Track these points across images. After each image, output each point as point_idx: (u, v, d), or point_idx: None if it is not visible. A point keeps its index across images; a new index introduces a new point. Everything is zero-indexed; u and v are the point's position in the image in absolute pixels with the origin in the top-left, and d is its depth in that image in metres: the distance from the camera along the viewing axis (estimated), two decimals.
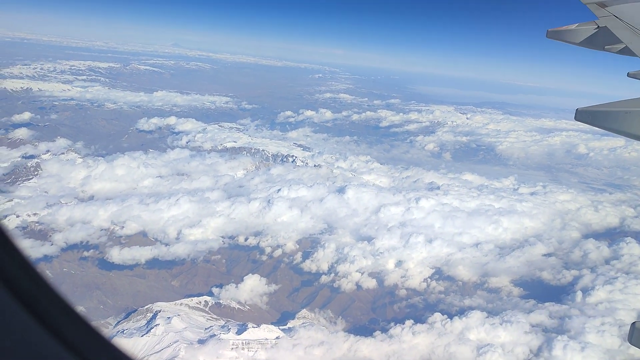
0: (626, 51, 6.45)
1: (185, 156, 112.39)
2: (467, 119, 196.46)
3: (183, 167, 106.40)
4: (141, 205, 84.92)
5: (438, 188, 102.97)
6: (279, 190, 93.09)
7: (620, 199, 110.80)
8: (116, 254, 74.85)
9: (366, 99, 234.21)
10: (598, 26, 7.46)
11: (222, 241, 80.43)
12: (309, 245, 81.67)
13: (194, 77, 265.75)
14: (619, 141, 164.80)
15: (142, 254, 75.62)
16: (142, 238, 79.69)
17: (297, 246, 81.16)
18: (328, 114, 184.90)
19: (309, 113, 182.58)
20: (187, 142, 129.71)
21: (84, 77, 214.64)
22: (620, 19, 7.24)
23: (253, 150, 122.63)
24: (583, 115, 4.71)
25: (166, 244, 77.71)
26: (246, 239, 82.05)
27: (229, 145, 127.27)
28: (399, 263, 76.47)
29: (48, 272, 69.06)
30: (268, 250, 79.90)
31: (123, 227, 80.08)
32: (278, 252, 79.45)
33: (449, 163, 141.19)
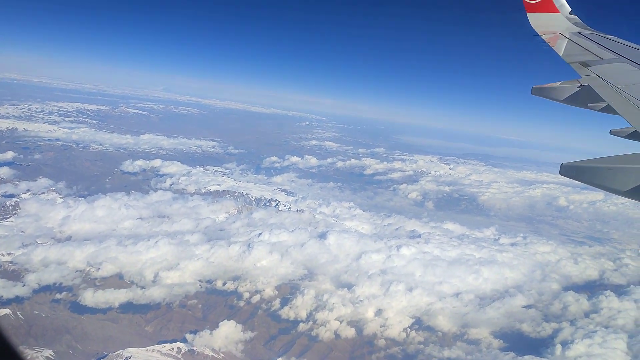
0: (608, 109, 6.61)
1: (168, 198, 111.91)
2: (450, 169, 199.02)
3: (165, 209, 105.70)
4: (119, 247, 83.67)
5: (419, 236, 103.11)
6: (260, 234, 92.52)
7: (599, 251, 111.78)
8: (89, 297, 73.02)
9: (351, 147, 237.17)
10: (581, 84, 7.66)
11: (200, 285, 79.06)
12: (289, 291, 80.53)
13: (182, 122, 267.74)
14: (598, 195, 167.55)
15: (117, 297, 73.87)
16: (117, 280, 78.09)
17: (276, 292, 79.99)
18: (313, 161, 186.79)
19: (294, 159, 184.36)
20: (170, 185, 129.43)
21: (72, 118, 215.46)
22: (602, 78, 7.52)
23: (237, 194, 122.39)
24: (568, 170, 4.80)
25: (142, 287, 76.17)
26: (224, 284, 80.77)
27: (212, 188, 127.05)
28: (378, 312, 75.49)
29: (18, 314, 67.13)
30: (246, 295, 78.56)
31: (99, 268, 78.53)
32: (256, 297, 78.15)
33: (432, 212, 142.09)
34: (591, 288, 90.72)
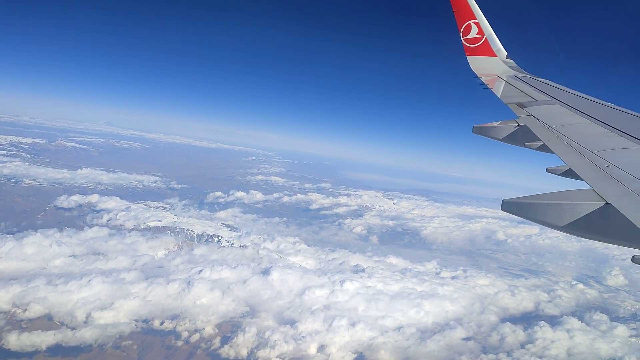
0: (544, 148, 6.80)
1: (104, 235, 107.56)
2: (394, 204, 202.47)
3: (100, 246, 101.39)
4: (49, 286, 79.12)
5: (363, 271, 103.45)
6: (201, 271, 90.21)
7: (535, 284, 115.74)
8: (14, 340, 68.22)
9: (298, 182, 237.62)
10: (518, 124, 7.88)
11: (135, 325, 75.54)
12: (230, 329, 78.32)
13: (123, 156, 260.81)
14: (534, 229, 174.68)
15: (44, 339, 69.37)
16: (46, 322, 73.51)
17: (217, 330, 77.58)
18: (259, 196, 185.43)
19: (239, 194, 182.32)
20: (107, 221, 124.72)
21: (4, 152, 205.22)
22: (537, 119, 7.78)
23: (178, 230, 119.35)
24: (508, 206, 4.94)
25: (72, 328, 71.98)
26: (162, 323, 77.60)
27: (152, 224, 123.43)
28: (321, 348, 74.41)
29: None
30: (184, 335, 75.68)
31: (26, 309, 73.75)
32: (195, 336, 75.42)
33: (376, 246, 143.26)
34: (527, 319, 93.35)
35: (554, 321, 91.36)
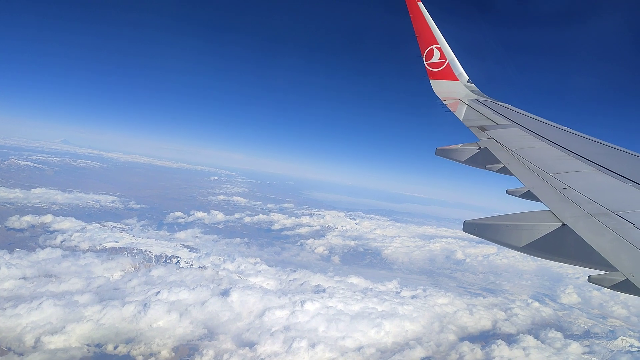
0: (504, 170, 6.88)
1: (57, 256, 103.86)
2: (356, 224, 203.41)
3: (52, 268, 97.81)
4: None
5: (324, 291, 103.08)
6: (158, 293, 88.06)
7: (492, 302, 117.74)
8: None
9: (260, 202, 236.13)
10: (480, 147, 8.01)
11: (87, 350, 72.84)
12: (187, 352, 76.45)
13: (80, 175, 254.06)
14: (492, 249, 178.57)
15: None
16: None
17: (173, 354, 75.57)
18: (220, 216, 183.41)
19: (200, 214, 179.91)
20: (61, 242, 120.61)
21: None
22: (498, 142, 7.96)
23: (135, 251, 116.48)
24: (469, 227, 5.06)
25: (20, 354, 68.80)
26: (116, 347, 75.07)
27: (109, 245, 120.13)
28: None
29: None
30: (139, 359, 73.46)
31: None
32: None
33: (337, 266, 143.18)
34: (485, 338, 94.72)
35: (510, 339, 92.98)
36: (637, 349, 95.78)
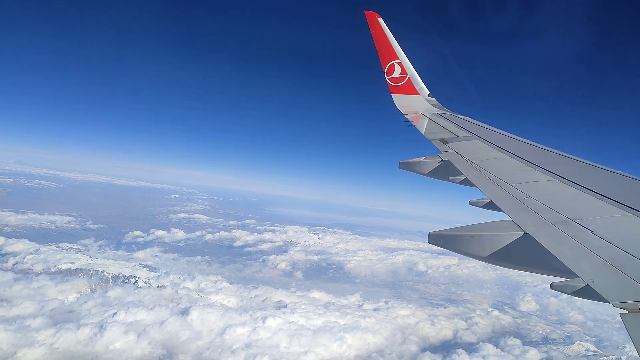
0: (466, 182, 6.91)
1: (8, 280, 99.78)
2: (319, 239, 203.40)
3: (3, 292, 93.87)
4: None
5: (286, 306, 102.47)
6: (115, 314, 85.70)
7: (454, 312, 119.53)
8: None
9: (222, 219, 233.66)
10: (442, 159, 8.09)
11: None
12: None
13: (35, 196, 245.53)
14: (453, 259, 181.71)
15: None
16: None
17: None
18: (180, 234, 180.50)
19: (159, 233, 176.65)
20: (13, 265, 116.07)
21: None
22: (459, 154, 8.05)
23: (91, 272, 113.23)
24: (435, 238, 5.08)
25: None
26: None
27: (64, 267, 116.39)
28: None
29: None
30: None
31: None
32: None
33: (300, 281, 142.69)
34: (446, 347, 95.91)
35: (471, 348, 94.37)
36: (593, 353, 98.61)
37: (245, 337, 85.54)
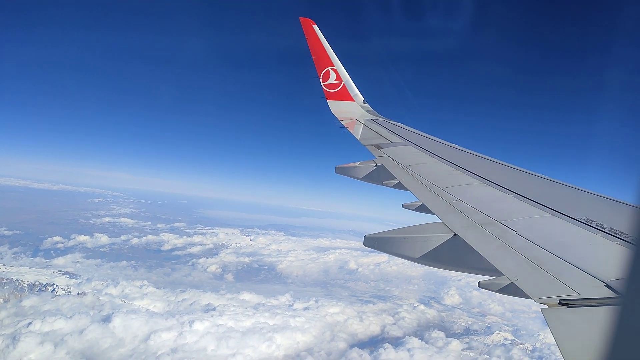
0: (400, 185, 7.03)
1: None
2: (250, 240, 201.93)
3: None
4: None
5: (214, 309, 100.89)
6: (30, 324, 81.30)
7: (382, 308, 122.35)
8: None
9: (149, 222, 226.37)
10: (376, 164, 8.20)
11: None
12: None
13: None
14: (383, 257, 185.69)
15: None
16: None
17: None
18: (104, 239, 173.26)
19: (82, 238, 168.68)
20: None
21: None
22: (392, 159, 8.19)
23: (5, 281, 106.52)
24: (370, 241, 5.19)
25: None
26: None
27: None
28: None
29: None
30: None
31: None
32: None
33: (230, 284, 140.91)
34: (374, 343, 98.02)
35: (397, 342, 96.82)
36: (510, 342, 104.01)
37: (171, 342, 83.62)
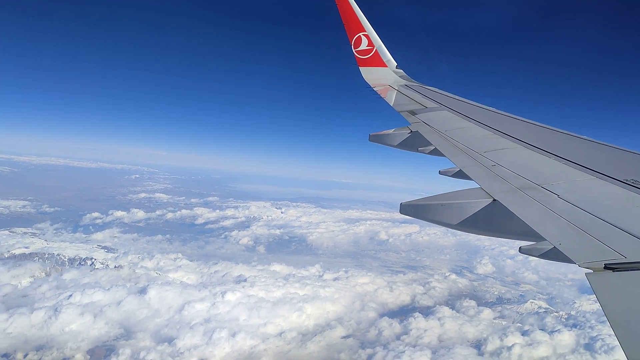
0: (436, 152, 6.96)
1: None
2: (281, 213, 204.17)
3: None
4: None
5: (245, 280, 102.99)
6: (70, 296, 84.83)
7: (412, 278, 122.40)
8: None
9: (184, 197, 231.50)
10: (411, 131, 8.06)
11: None
12: (103, 354, 74.36)
13: None
14: (414, 227, 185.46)
15: None
16: None
17: (88, 357, 73.32)
18: (140, 214, 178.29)
19: (119, 214, 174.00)
20: None
21: None
22: (428, 125, 8.06)
23: (46, 256, 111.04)
24: (406, 209, 5.12)
25: None
26: (25, 355, 71.70)
27: (18, 252, 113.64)
28: None
29: None
30: None
31: None
32: None
33: (262, 256, 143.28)
34: (404, 312, 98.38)
35: (427, 311, 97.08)
36: (544, 310, 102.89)
37: (204, 312, 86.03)
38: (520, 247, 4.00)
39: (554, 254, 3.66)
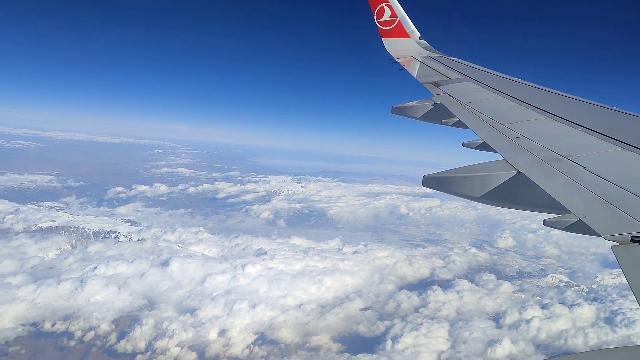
0: (459, 124, 6.90)
1: None
2: (302, 187, 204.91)
3: None
4: None
5: (265, 253, 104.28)
6: (95, 268, 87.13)
7: (432, 252, 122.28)
8: None
9: (205, 172, 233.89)
10: (434, 102, 7.99)
11: (22, 329, 71.75)
12: (127, 324, 76.49)
13: (14, 157, 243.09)
14: (435, 201, 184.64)
15: None
16: None
17: (113, 326, 75.53)
18: (163, 188, 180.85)
19: (142, 188, 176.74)
20: None
21: None
22: (452, 96, 8.00)
23: (72, 229, 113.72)
24: (429, 181, 5.07)
25: None
26: (53, 325, 74.27)
27: (44, 225, 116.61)
28: (221, 332, 74.70)
29: None
30: (78, 334, 72.95)
31: None
32: (90, 335, 72.98)
33: (282, 229, 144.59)
34: (423, 285, 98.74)
35: (446, 285, 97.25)
36: (565, 284, 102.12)
37: (225, 284, 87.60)
38: (544, 220, 3.98)
39: (578, 227, 3.62)
